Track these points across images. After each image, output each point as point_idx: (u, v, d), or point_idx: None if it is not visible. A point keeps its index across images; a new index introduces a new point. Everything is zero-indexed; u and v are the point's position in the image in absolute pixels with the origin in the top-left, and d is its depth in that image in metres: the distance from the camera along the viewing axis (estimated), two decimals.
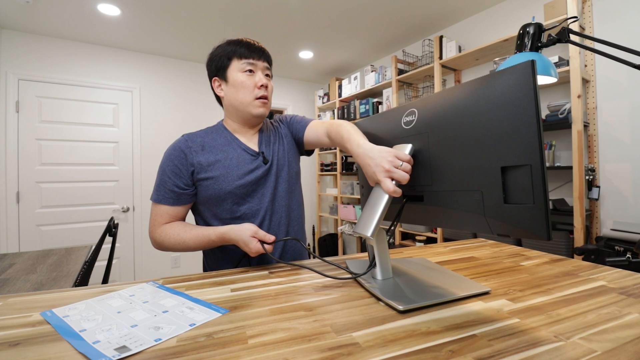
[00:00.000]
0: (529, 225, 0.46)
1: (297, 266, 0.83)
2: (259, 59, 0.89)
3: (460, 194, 0.55)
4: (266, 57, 0.91)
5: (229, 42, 0.89)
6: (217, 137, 0.92)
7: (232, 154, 0.89)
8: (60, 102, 2.72)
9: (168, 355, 0.42)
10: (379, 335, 0.46)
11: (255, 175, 0.89)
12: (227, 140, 0.92)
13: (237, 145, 0.91)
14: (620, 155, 1.75)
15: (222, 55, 0.88)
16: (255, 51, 0.88)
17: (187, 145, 0.88)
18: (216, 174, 0.86)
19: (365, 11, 2.39)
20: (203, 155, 0.87)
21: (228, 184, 0.86)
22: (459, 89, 0.55)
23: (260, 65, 0.89)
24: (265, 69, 0.90)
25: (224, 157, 0.88)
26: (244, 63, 0.87)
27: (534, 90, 0.44)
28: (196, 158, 0.87)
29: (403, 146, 0.65)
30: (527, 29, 0.89)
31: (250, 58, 0.87)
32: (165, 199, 0.85)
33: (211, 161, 0.87)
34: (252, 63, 0.87)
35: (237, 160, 0.89)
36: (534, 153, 0.44)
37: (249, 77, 0.87)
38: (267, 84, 0.89)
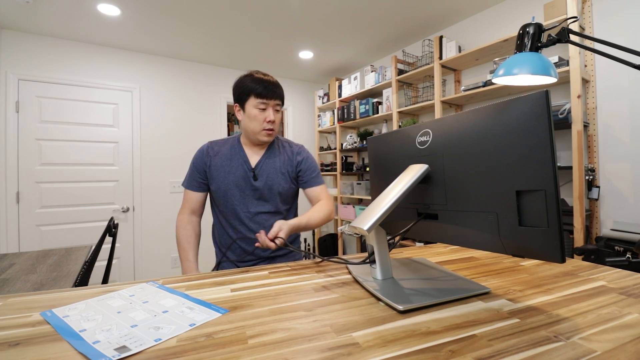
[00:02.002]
0: (543, 248, 0.47)
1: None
2: (271, 99, 1.08)
3: (475, 215, 0.57)
4: (278, 96, 1.09)
5: (252, 79, 1.08)
6: (230, 147, 1.16)
7: (235, 163, 1.13)
8: (60, 102, 2.72)
9: (168, 355, 0.42)
10: (379, 335, 0.46)
11: (244, 185, 1.11)
12: (235, 152, 1.15)
13: (240, 157, 1.14)
14: (620, 155, 1.75)
15: (244, 89, 1.09)
16: (269, 92, 1.07)
17: (207, 150, 1.16)
18: (217, 175, 1.12)
19: (365, 11, 2.39)
20: (215, 159, 1.14)
21: (224, 185, 1.11)
22: (474, 113, 0.56)
23: (271, 104, 1.08)
24: (275, 106, 1.10)
25: (227, 164, 1.13)
26: (259, 102, 1.07)
27: (548, 119, 0.45)
28: (210, 160, 1.14)
29: (418, 166, 0.65)
30: (527, 29, 0.89)
31: (264, 98, 1.07)
32: (191, 185, 1.15)
33: (218, 165, 1.13)
34: (265, 102, 1.07)
35: (235, 169, 1.12)
36: (549, 179, 0.46)
37: (260, 112, 1.08)
38: (274, 120, 1.09)
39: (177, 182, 3.21)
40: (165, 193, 3.16)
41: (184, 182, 1.17)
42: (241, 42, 2.87)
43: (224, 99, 3.51)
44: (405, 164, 0.71)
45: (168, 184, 3.17)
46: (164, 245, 3.13)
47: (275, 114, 1.10)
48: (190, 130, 3.31)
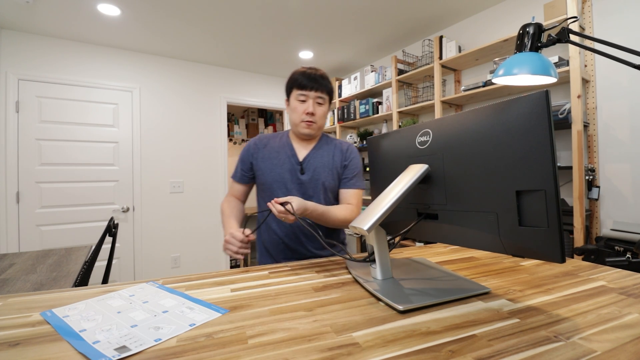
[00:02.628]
0: (543, 248, 0.47)
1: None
2: (311, 90, 1.07)
3: (475, 215, 0.56)
4: (319, 87, 1.08)
5: (298, 72, 1.09)
6: (279, 141, 1.16)
7: (282, 156, 1.12)
8: (60, 102, 2.72)
9: (168, 355, 0.42)
10: (379, 335, 0.46)
11: (291, 179, 1.09)
12: (284, 145, 1.15)
13: (288, 150, 1.13)
14: (620, 155, 1.75)
15: (289, 82, 1.11)
16: (310, 83, 1.06)
17: (255, 143, 1.17)
18: (265, 168, 1.12)
19: (365, 11, 2.39)
20: (262, 152, 1.14)
21: (270, 177, 1.11)
22: (474, 113, 0.56)
23: (311, 95, 1.07)
24: (317, 98, 1.08)
25: (275, 157, 1.12)
26: (299, 93, 1.08)
27: (548, 119, 0.45)
28: (257, 153, 1.14)
29: (418, 166, 0.65)
30: (527, 29, 0.89)
31: (304, 89, 1.07)
32: (235, 176, 1.18)
33: (265, 157, 1.13)
34: (305, 94, 1.07)
35: (282, 162, 1.11)
36: (549, 179, 0.46)
37: (300, 104, 1.08)
38: (313, 112, 1.07)
39: (177, 182, 3.21)
40: (165, 193, 3.16)
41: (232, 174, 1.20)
42: (241, 42, 2.87)
43: (224, 99, 3.51)
44: (405, 164, 0.71)
45: (168, 184, 3.17)
46: (164, 245, 3.13)
47: (317, 107, 1.08)
48: (190, 130, 3.31)
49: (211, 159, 3.42)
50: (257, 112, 4.73)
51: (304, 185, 1.09)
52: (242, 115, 4.79)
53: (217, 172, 3.45)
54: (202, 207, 3.35)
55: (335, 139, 1.21)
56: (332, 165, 1.13)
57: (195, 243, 3.30)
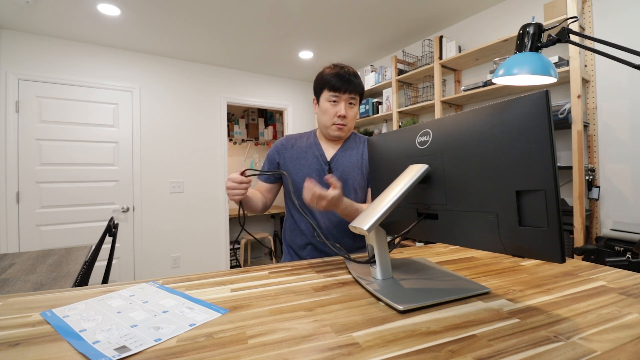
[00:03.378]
0: (544, 248, 0.47)
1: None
2: (344, 92, 1.03)
3: (475, 215, 0.56)
4: (352, 89, 1.04)
5: (329, 72, 1.04)
6: (306, 140, 1.14)
7: (310, 156, 1.11)
8: (60, 102, 2.72)
9: (168, 355, 0.42)
10: (379, 335, 0.46)
11: (318, 179, 1.07)
12: (311, 145, 1.12)
13: (316, 150, 1.11)
14: (620, 155, 1.75)
15: (320, 82, 1.06)
16: (343, 84, 1.02)
17: (282, 143, 1.14)
18: (292, 168, 1.10)
19: (365, 11, 2.39)
20: (289, 152, 1.12)
21: (298, 177, 1.08)
22: (474, 113, 0.56)
23: (344, 97, 1.04)
24: (349, 99, 1.05)
25: (303, 157, 1.11)
26: (331, 95, 1.04)
27: (548, 119, 0.45)
28: (284, 154, 1.13)
29: (418, 166, 0.65)
30: (527, 29, 0.89)
31: (337, 91, 1.03)
32: (261, 177, 1.13)
33: (293, 157, 1.11)
34: (337, 96, 1.03)
35: (310, 162, 1.09)
36: (549, 179, 0.46)
37: (332, 106, 1.05)
38: (345, 115, 1.04)
39: (177, 182, 3.21)
40: (165, 193, 3.16)
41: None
42: (241, 42, 2.87)
43: (224, 99, 3.51)
44: (405, 164, 0.71)
45: (168, 184, 3.17)
46: (164, 245, 3.13)
47: (349, 108, 1.05)
48: (190, 130, 3.31)
49: (211, 159, 3.42)
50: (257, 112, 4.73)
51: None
52: (242, 115, 4.79)
53: (217, 172, 3.45)
54: (202, 207, 3.35)
55: (362, 136, 1.18)
56: (361, 164, 1.10)
57: (195, 243, 3.30)
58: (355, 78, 1.04)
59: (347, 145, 1.13)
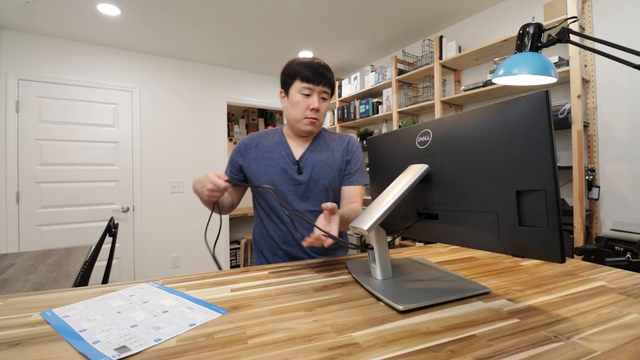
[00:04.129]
0: (544, 248, 0.47)
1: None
2: (318, 84, 0.97)
3: (475, 215, 0.56)
4: (326, 81, 0.98)
5: (299, 62, 0.98)
6: (272, 138, 1.07)
7: (276, 155, 1.03)
8: (60, 102, 2.72)
9: (168, 355, 0.42)
10: (379, 335, 0.46)
11: (287, 180, 1.01)
12: (277, 143, 1.06)
13: (283, 149, 1.04)
14: (620, 155, 1.75)
15: (290, 73, 0.99)
16: (316, 76, 0.96)
17: (245, 143, 1.07)
18: (257, 169, 1.03)
19: (365, 11, 2.39)
20: (254, 152, 1.05)
21: (263, 180, 1.02)
22: (474, 113, 0.56)
23: (317, 90, 0.98)
24: (322, 93, 0.99)
25: (268, 157, 1.03)
26: (303, 86, 0.97)
27: (548, 119, 0.45)
28: (248, 154, 1.05)
29: (418, 166, 0.65)
30: (527, 29, 0.89)
31: (310, 83, 0.96)
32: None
33: (258, 158, 1.04)
34: (310, 88, 0.97)
35: (276, 162, 1.02)
36: (549, 179, 0.46)
37: (304, 98, 0.98)
38: (318, 108, 0.98)
39: (177, 182, 3.21)
40: (165, 193, 3.16)
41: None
42: (241, 42, 2.87)
43: (224, 99, 3.51)
44: (405, 164, 0.71)
45: (168, 184, 3.17)
46: (164, 245, 3.13)
47: (321, 102, 0.99)
48: (190, 130, 3.31)
49: (211, 159, 3.42)
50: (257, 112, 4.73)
51: (301, 185, 1.01)
52: (242, 115, 4.79)
53: None
54: (202, 207, 3.35)
55: (334, 132, 1.13)
56: (333, 162, 1.04)
57: (195, 243, 3.29)
58: (329, 71, 0.99)
59: (316, 143, 1.06)
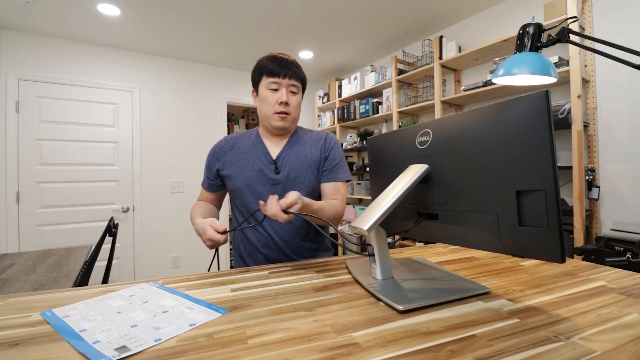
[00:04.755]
0: (543, 248, 0.47)
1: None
2: (284, 77, 0.96)
3: (475, 215, 0.56)
4: (292, 75, 0.97)
5: (265, 58, 0.98)
6: (248, 139, 1.06)
7: (253, 156, 1.01)
8: (60, 102, 2.72)
9: (168, 355, 0.42)
10: (379, 335, 0.46)
11: (264, 180, 0.99)
12: (254, 144, 1.04)
13: (259, 150, 1.02)
14: (620, 155, 1.75)
15: (257, 70, 0.99)
16: (282, 70, 0.96)
17: (220, 146, 1.05)
18: (233, 172, 1.01)
19: (365, 11, 2.39)
20: (230, 155, 1.03)
21: (240, 182, 0.99)
22: (474, 113, 0.56)
23: (284, 83, 0.97)
24: (290, 86, 0.98)
25: (244, 158, 1.02)
26: (270, 81, 0.96)
27: (548, 119, 0.45)
28: (224, 157, 1.03)
29: (418, 166, 0.65)
30: (527, 29, 0.89)
31: (276, 76, 0.96)
32: (203, 184, 1.09)
33: (234, 160, 1.02)
34: (277, 82, 0.96)
35: (253, 162, 1.00)
36: (549, 179, 0.46)
37: (272, 93, 0.97)
38: (287, 101, 0.97)
39: (177, 182, 3.21)
40: (165, 193, 3.16)
41: (202, 181, 1.10)
42: (241, 42, 2.87)
43: (224, 99, 3.51)
44: (405, 164, 0.71)
45: (168, 184, 3.17)
46: (164, 245, 3.13)
47: (291, 96, 0.98)
48: (190, 130, 3.31)
49: None
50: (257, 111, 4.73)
51: (280, 185, 0.98)
52: (242, 115, 4.79)
53: None
54: None
55: (311, 130, 1.11)
56: (311, 159, 1.01)
57: (195, 243, 3.29)
58: (295, 66, 0.98)
59: (293, 141, 1.04)
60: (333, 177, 1.02)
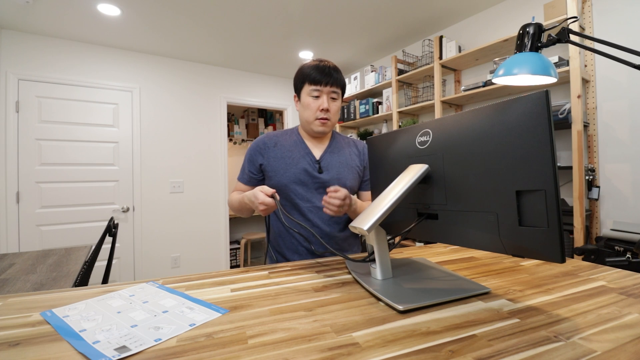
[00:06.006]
0: (544, 248, 0.47)
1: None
2: (326, 85, 1.00)
3: (475, 215, 0.56)
4: (334, 82, 1.01)
5: (308, 66, 1.03)
6: (290, 138, 1.10)
7: (296, 155, 1.06)
8: (60, 102, 2.72)
9: (168, 355, 0.42)
10: (379, 335, 0.46)
11: (309, 179, 1.03)
12: (296, 143, 1.08)
13: (302, 150, 1.07)
14: (620, 155, 1.75)
15: (299, 77, 1.04)
16: (323, 77, 1.00)
17: (264, 142, 1.08)
18: (279, 168, 1.04)
19: (365, 11, 2.39)
20: (273, 151, 1.06)
21: (286, 178, 1.03)
22: (474, 113, 0.56)
23: (325, 90, 1.01)
24: (331, 93, 1.02)
25: (289, 156, 1.05)
26: (312, 89, 1.01)
27: (548, 119, 0.45)
28: (267, 152, 1.06)
29: (418, 166, 0.65)
30: (527, 29, 0.89)
31: (318, 84, 1.00)
32: (242, 178, 1.11)
33: (278, 156, 1.06)
34: (318, 89, 1.01)
35: (297, 160, 1.05)
36: (549, 179, 0.46)
37: (314, 100, 1.02)
38: (328, 108, 1.01)
39: (177, 182, 3.21)
40: (165, 193, 3.16)
41: (238, 176, 1.12)
42: (241, 42, 2.87)
43: (224, 99, 3.51)
44: (405, 164, 0.71)
45: (168, 184, 3.17)
46: (164, 245, 3.13)
47: (331, 102, 1.02)
48: (190, 130, 3.31)
49: (211, 159, 3.42)
50: (257, 112, 4.73)
51: (325, 184, 1.04)
52: (242, 115, 4.79)
53: (217, 172, 3.45)
54: (202, 207, 3.35)
55: (346, 137, 1.17)
56: (352, 164, 1.09)
57: (195, 243, 3.30)
58: (336, 72, 1.02)
59: (334, 144, 1.11)
60: (367, 187, 1.13)
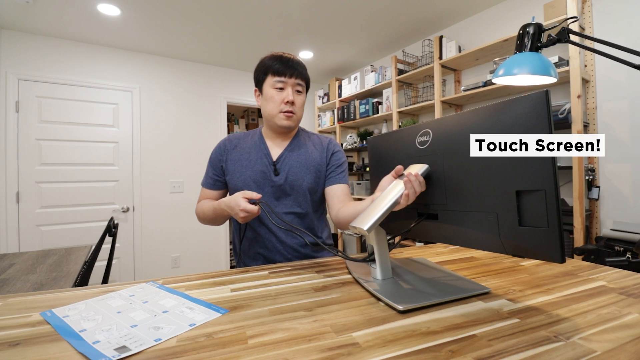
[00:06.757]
0: (543, 248, 0.47)
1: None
2: (290, 77, 0.96)
3: (475, 215, 0.56)
4: (298, 75, 0.97)
5: (270, 57, 0.98)
6: (251, 140, 1.06)
7: (254, 156, 1.02)
8: (60, 102, 2.72)
9: (168, 355, 0.42)
10: (379, 335, 0.46)
11: (263, 181, 0.99)
12: (256, 144, 1.04)
13: (261, 151, 1.03)
14: (620, 155, 1.74)
15: (261, 69, 0.99)
16: (287, 69, 0.95)
17: (224, 144, 1.06)
18: (235, 170, 1.01)
19: (365, 11, 2.39)
20: (232, 153, 1.04)
21: (240, 181, 1.00)
22: (474, 113, 0.56)
23: (290, 82, 0.97)
24: (295, 85, 0.98)
25: (247, 158, 1.02)
26: (276, 80, 0.96)
27: (548, 119, 0.45)
28: (227, 155, 1.04)
29: (418, 166, 0.65)
30: (527, 29, 0.89)
31: (282, 76, 0.95)
32: (206, 183, 1.07)
33: (235, 159, 1.03)
34: (283, 81, 0.96)
35: (254, 163, 1.01)
36: (549, 179, 0.46)
37: (278, 92, 0.97)
38: (293, 100, 0.96)
39: (177, 182, 3.21)
40: (165, 193, 3.16)
41: (202, 181, 1.09)
42: (241, 42, 2.87)
43: (224, 99, 3.51)
44: (405, 164, 0.71)
45: (168, 184, 3.17)
46: (164, 245, 3.13)
47: (296, 95, 0.98)
48: (191, 130, 3.31)
49: None
50: (257, 112, 4.73)
51: (279, 188, 0.99)
52: (242, 115, 4.79)
53: None
54: None
55: (313, 134, 1.11)
56: (311, 163, 1.02)
57: (195, 243, 3.29)
58: (300, 66, 0.98)
59: (295, 144, 1.04)
60: (340, 180, 1.02)
